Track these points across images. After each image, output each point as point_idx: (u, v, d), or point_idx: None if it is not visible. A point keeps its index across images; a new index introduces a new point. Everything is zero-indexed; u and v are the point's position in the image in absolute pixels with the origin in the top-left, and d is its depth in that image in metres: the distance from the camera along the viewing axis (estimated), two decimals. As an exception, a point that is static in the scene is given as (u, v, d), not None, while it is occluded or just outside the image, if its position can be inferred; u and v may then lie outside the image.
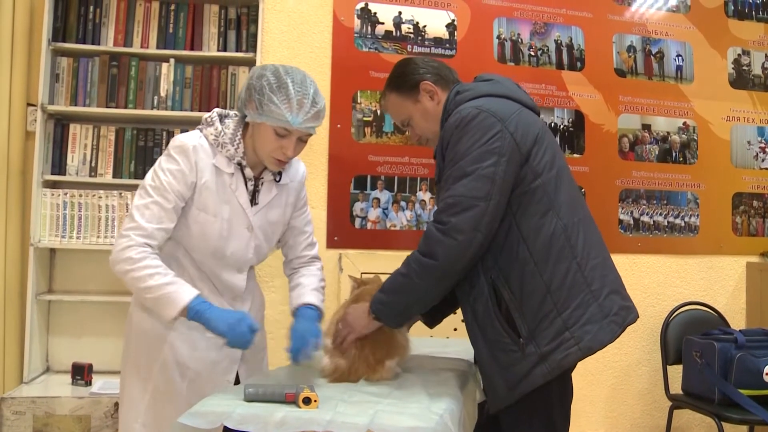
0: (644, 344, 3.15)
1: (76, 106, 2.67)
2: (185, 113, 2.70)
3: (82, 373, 2.52)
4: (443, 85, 1.73)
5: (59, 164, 2.66)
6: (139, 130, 2.72)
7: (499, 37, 3.10)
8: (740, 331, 2.76)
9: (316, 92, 1.59)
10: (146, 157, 2.69)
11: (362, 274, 2.61)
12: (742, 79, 3.39)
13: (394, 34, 2.99)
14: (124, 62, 2.70)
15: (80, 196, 2.63)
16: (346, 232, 2.89)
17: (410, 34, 3.01)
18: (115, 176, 2.69)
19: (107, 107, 2.68)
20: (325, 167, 2.89)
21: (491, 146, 1.50)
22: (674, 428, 3.00)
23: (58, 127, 2.68)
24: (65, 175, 2.66)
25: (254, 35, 2.76)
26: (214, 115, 1.68)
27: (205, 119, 1.68)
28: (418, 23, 3.02)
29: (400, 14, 3.00)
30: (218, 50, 2.77)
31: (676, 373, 2.97)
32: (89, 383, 2.51)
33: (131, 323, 1.74)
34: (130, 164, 2.70)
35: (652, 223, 3.22)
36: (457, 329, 1.98)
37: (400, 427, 1.24)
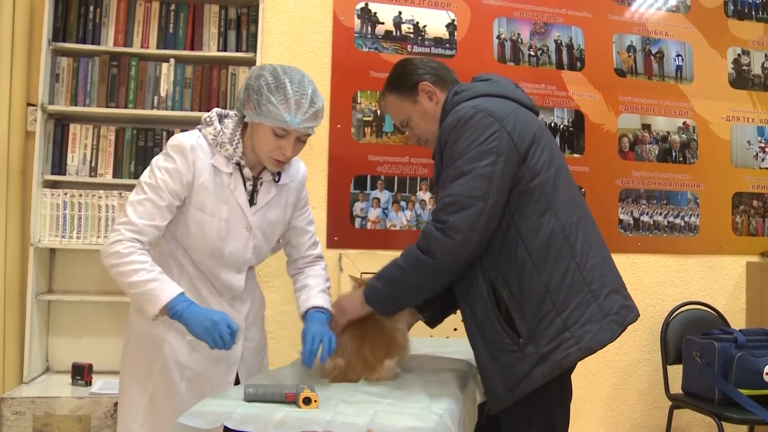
0: (644, 344, 3.15)
1: (76, 106, 2.67)
2: (185, 113, 2.70)
3: (82, 373, 2.52)
4: (442, 85, 1.73)
5: (59, 164, 2.66)
6: (139, 130, 2.72)
7: (499, 37, 3.10)
8: (740, 330, 2.75)
9: (314, 92, 1.59)
10: (146, 157, 2.68)
11: (362, 274, 2.61)
12: (741, 79, 3.38)
13: (394, 34, 2.99)
14: (124, 62, 2.70)
15: (80, 196, 2.63)
16: (346, 232, 2.89)
17: (410, 34, 3.01)
18: (115, 176, 2.69)
19: (107, 107, 2.68)
20: (325, 167, 2.89)
21: (489, 146, 1.50)
22: (674, 428, 2.99)
23: (58, 127, 2.68)
24: (65, 175, 2.66)
25: (254, 35, 2.76)
26: (213, 114, 1.68)
27: (204, 119, 1.68)
28: (418, 23, 3.02)
29: (400, 14, 3.00)
30: (218, 50, 2.77)
31: (676, 372, 2.97)
32: (89, 383, 2.51)
33: (131, 323, 1.74)
34: (130, 164, 2.70)
35: (652, 222, 3.22)
36: (457, 329, 1.98)
37: (399, 427, 1.24)
